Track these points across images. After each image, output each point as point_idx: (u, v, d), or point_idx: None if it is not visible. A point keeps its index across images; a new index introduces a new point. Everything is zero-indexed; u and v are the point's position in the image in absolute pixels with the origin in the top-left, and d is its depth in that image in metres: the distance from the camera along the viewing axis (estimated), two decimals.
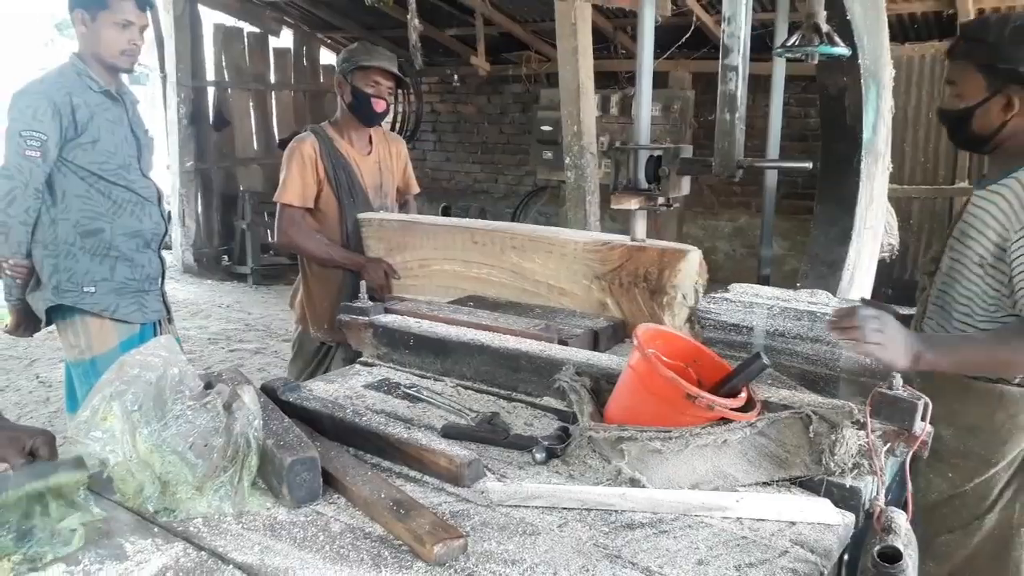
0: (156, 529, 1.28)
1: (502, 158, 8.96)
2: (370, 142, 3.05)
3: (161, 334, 2.84)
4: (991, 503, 1.86)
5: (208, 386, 1.49)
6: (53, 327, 2.78)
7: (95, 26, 2.59)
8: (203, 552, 1.21)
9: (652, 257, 2.19)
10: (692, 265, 2.15)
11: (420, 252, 2.67)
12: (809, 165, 2.25)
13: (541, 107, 7.53)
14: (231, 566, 1.17)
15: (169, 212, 9.01)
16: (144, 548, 1.22)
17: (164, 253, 2.92)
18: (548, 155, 7.39)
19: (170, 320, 2.98)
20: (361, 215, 2.87)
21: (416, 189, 3.28)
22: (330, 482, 1.38)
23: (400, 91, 9.37)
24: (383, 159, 3.08)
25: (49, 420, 4.29)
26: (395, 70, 2.94)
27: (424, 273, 2.68)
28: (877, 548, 1.27)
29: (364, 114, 2.93)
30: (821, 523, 1.31)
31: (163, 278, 2.94)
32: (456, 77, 8.72)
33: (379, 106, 2.92)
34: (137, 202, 2.75)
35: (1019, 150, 1.76)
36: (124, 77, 2.82)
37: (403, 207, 3.24)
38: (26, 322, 2.78)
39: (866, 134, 2.98)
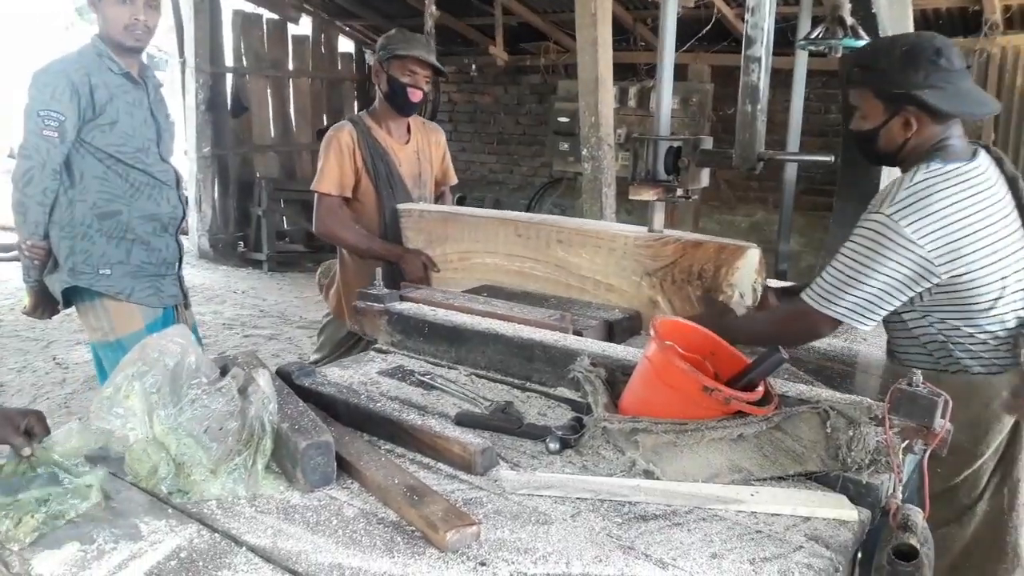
0: (170, 510, 1.28)
1: (518, 149, 8.95)
2: (408, 131, 3.03)
3: (178, 320, 2.85)
4: (980, 492, 1.88)
5: (224, 371, 1.49)
6: (72, 309, 2.79)
7: (101, 5, 2.58)
8: (216, 534, 1.21)
9: (708, 254, 2.13)
10: (751, 263, 2.09)
11: (461, 245, 2.63)
12: (831, 159, 2.22)
13: (558, 98, 7.51)
14: (244, 548, 1.17)
15: (186, 197, 9.09)
16: (158, 528, 1.23)
17: (180, 238, 2.92)
18: (564, 146, 7.38)
19: (187, 305, 2.97)
20: (400, 206, 2.84)
21: (454, 180, 3.25)
22: (344, 467, 1.38)
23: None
24: (422, 149, 3.05)
25: (65, 401, 4.33)
26: (432, 59, 2.91)
27: (464, 266, 2.63)
28: (893, 545, 1.25)
29: (400, 103, 2.91)
30: (837, 519, 1.30)
31: (180, 263, 2.93)
32: (474, 67, 8.71)
33: (415, 96, 2.89)
34: (155, 185, 2.73)
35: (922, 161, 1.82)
36: (145, 58, 2.81)
37: (439, 199, 3.21)
38: (44, 304, 2.78)
39: None
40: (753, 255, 2.09)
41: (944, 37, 1.82)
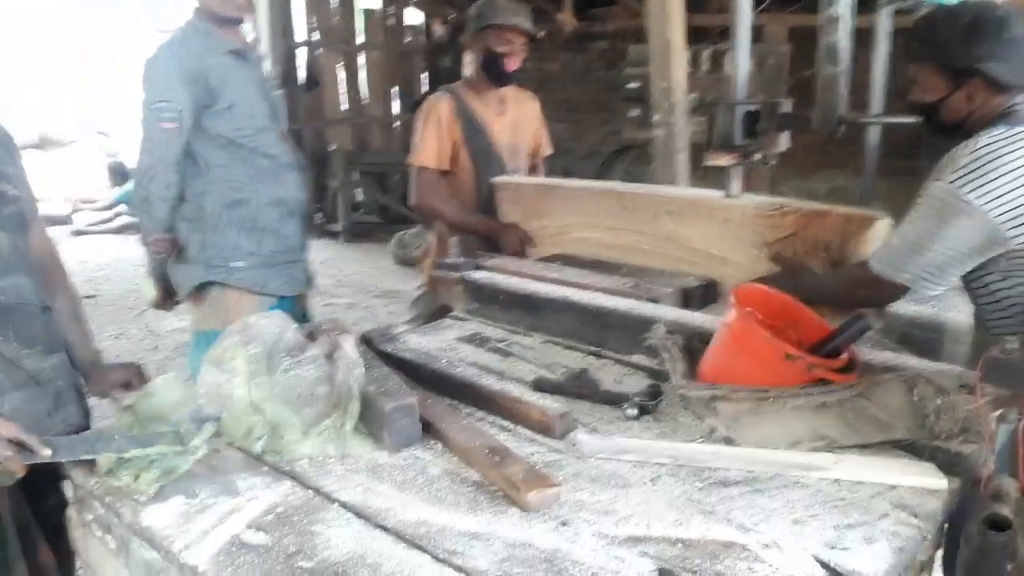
0: (265, 468, 1.35)
1: (586, 116, 8.84)
2: (503, 101, 2.92)
3: (296, 307, 2.72)
4: None
5: (311, 337, 1.55)
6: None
7: None
8: (309, 491, 1.27)
9: (834, 224, 2.00)
10: (881, 234, 1.96)
11: (559, 218, 2.51)
12: (917, 120, 2.13)
13: (628, 63, 7.38)
14: (336, 504, 1.23)
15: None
16: (255, 485, 1.29)
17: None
18: (635, 113, 7.26)
19: (310, 287, 2.85)
20: (496, 179, 2.76)
21: (549, 150, 3.16)
22: (427, 428, 1.42)
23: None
24: (517, 119, 2.96)
25: (158, 368, 4.54)
26: (528, 27, 2.78)
27: (563, 241, 2.52)
28: (985, 516, 1.23)
29: (496, 73, 2.80)
30: (924, 488, 1.28)
31: (307, 248, 2.79)
32: (541, 33, 8.62)
33: (512, 65, 2.78)
34: (278, 168, 2.60)
35: None
36: (263, 34, 2.73)
37: (533, 170, 3.09)
38: (170, 295, 2.67)
39: None
40: (882, 226, 1.97)
41: (1006, 6, 1.73)
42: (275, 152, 2.60)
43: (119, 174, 9.47)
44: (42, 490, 1.56)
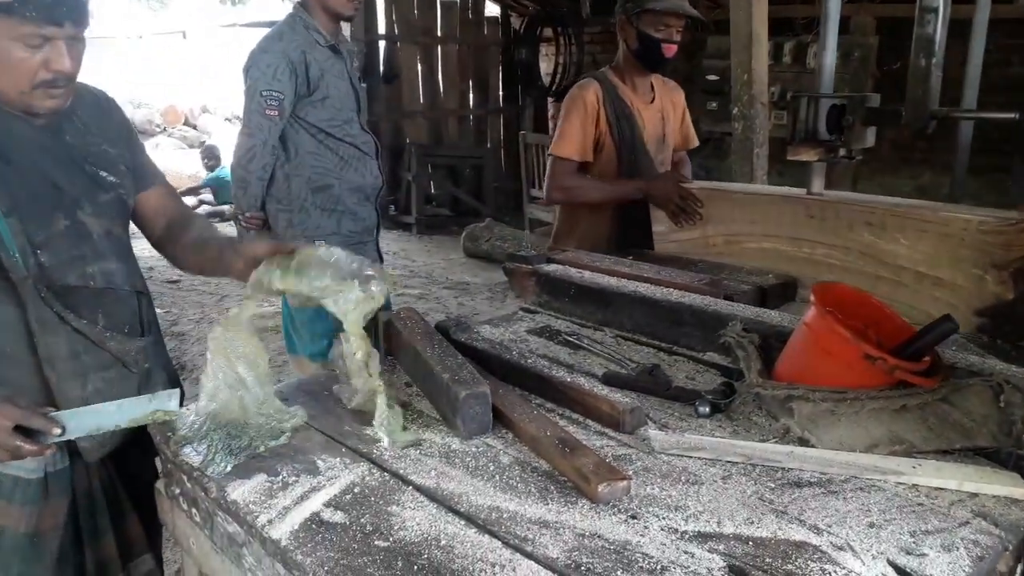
0: (344, 449, 1.40)
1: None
2: (652, 89, 2.82)
3: None
4: None
5: None
6: None
7: None
8: (386, 473, 1.31)
9: None
10: None
11: (728, 226, 2.29)
12: (1016, 116, 2.05)
13: (707, 55, 7.26)
14: (411, 487, 1.26)
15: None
16: (334, 465, 1.34)
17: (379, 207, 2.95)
18: (713, 105, 7.15)
19: (380, 263, 3.05)
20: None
21: (695, 142, 3.05)
22: (499, 417, 1.45)
23: (562, 40, 9.37)
24: (665, 108, 2.85)
25: None
26: (688, 9, 2.66)
27: (732, 251, 2.30)
28: None
29: (652, 60, 2.67)
30: (1008, 497, 1.23)
31: (379, 230, 3.01)
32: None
33: (670, 51, 2.65)
34: (360, 157, 2.81)
35: None
36: (345, 27, 2.88)
37: (676, 165, 3.00)
38: None
39: None
40: None
41: None
42: (359, 142, 2.80)
43: (212, 156, 9.85)
44: (133, 462, 1.64)
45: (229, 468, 1.33)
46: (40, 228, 1.46)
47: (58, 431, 1.34)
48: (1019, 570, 1.27)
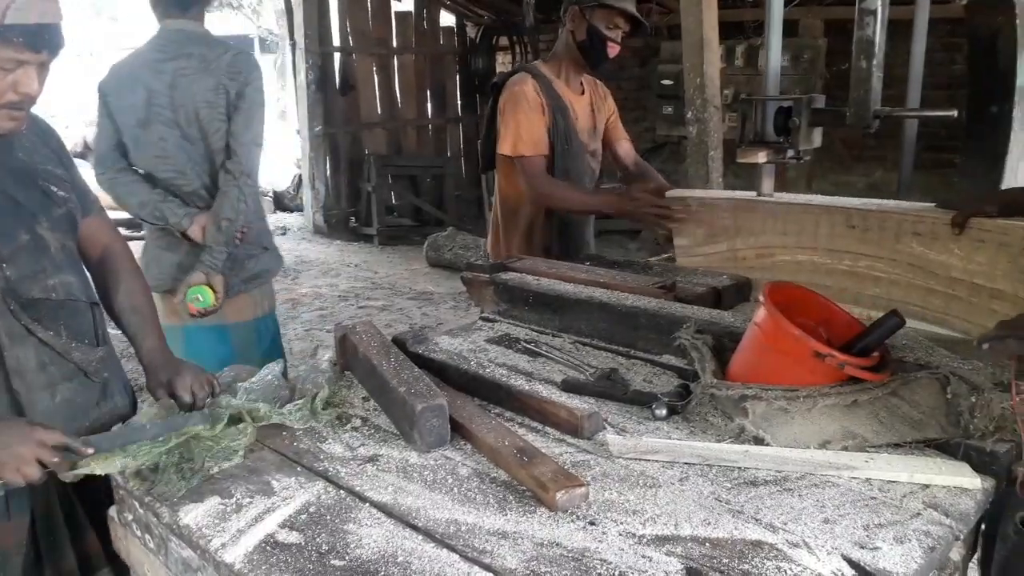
0: (299, 468, 1.38)
1: (620, 114, 8.82)
2: (583, 82, 2.84)
3: None
4: None
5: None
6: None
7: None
8: (342, 490, 1.30)
9: None
10: None
11: (760, 238, 2.14)
12: (955, 114, 2.10)
13: (661, 60, 7.35)
14: (368, 504, 1.25)
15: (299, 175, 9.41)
16: (288, 485, 1.32)
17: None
18: (668, 110, 7.24)
19: None
20: (671, 193, 2.40)
21: (627, 142, 3.01)
22: (457, 429, 1.44)
23: (517, 48, 9.42)
24: (595, 101, 2.87)
25: None
26: (636, 14, 2.65)
27: (764, 264, 2.15)
28: (1020, 515, 1.21)
29: (595, 57, 2.66)
30: (958, 487, 1.26)
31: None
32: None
33: (613, 50, 2.65)
34: None
35: None
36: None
37: (631, 162, 2.98)
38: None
39: (1020, 80, 2.75)
40: None
41: None
42: None
43: None
44: (88, 481, 1.61)
45: (182, 492, 1.31)
46: (4, 243, 1.48)
47: (91, 451, 1.36)
48: (972, 559, 1.30)
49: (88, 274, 1.73)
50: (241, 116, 2.46)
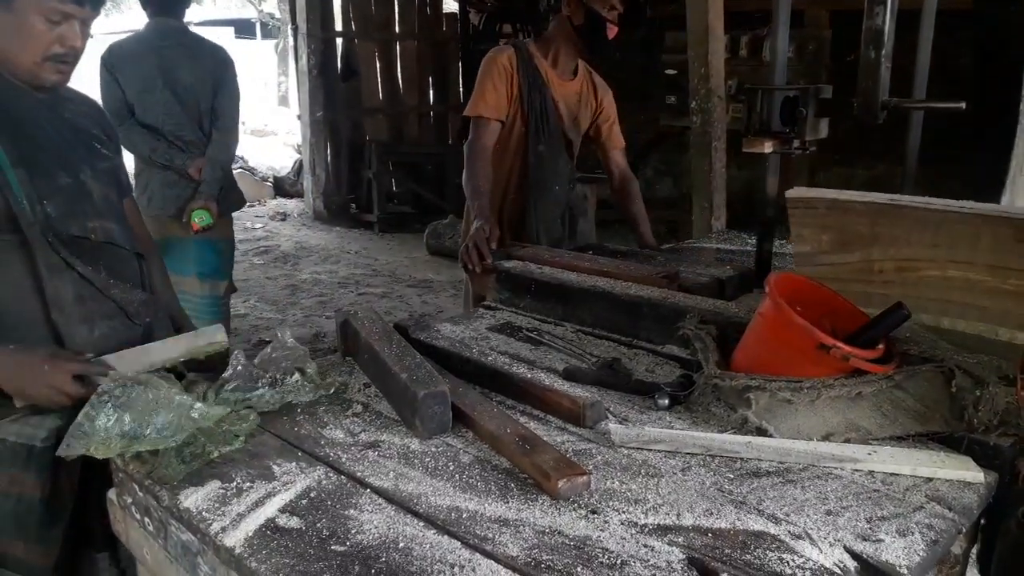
0: (300, 453, 1.37)
1: (623, 104, 8.75)
2: (576, 71, 2.80)
3: None
4: None
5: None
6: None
7: None
8: (343, 476, 1.29)
9: None
10: None
11: (902, 249, 1.81)
12: (962, 106, 2.08)
13: (665, 50, 7.31)
14: (368, 490, 1.24)
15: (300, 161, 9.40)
16: (289, 470, 1.31)
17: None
18: (671, 100, 7.20)
19: None
20: (792, 193, 1.90)
21: (621, 143, 2.97)
22: (459, 416, 1.43)
23: (520, 35, 9.36)
24: (585, 94, 2.83)
25: None
26: None
27: (905, 279, 1.80)
28: (1022, 509, 1.20)
29: (593, 39, 2.65)
30: (961, 481, 1.25)
31: None
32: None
33: (612, 32, 2.63)
34: None
35: None
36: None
37: (618, 174, 2.96)
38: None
39: None
40: None
41: None
42: None
43: None
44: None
45: (181, 475, 1.30)
46: (45, 182, 1.57)
47: (113, 372, 1.45)
48: (972, 552, 1.30)
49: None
50: (224, 90, 3.35)
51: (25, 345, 1.50)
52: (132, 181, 2.27)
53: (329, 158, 8.71)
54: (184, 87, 3.26)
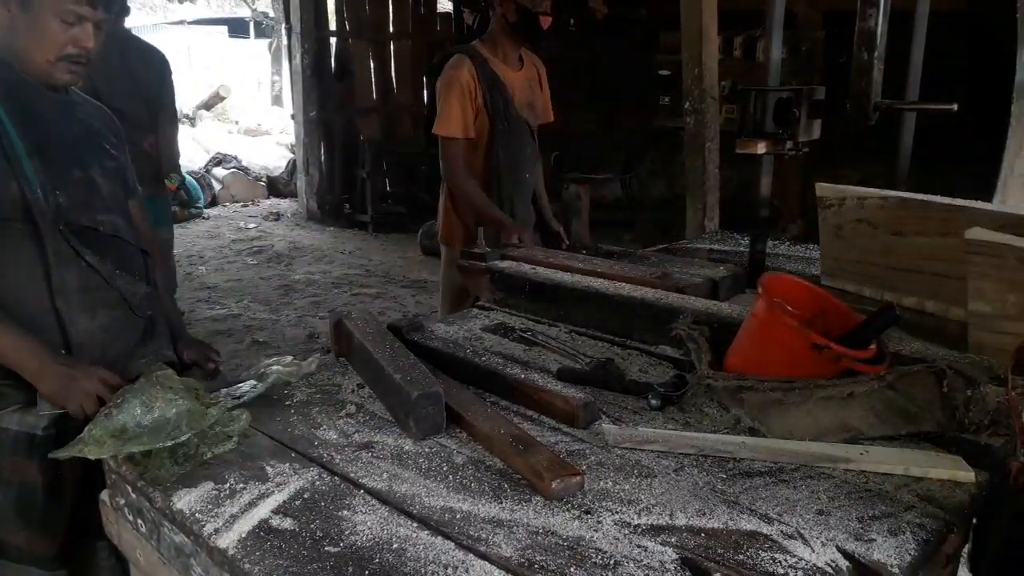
0: (293, 455, 1.37)
1: (617, 104, 8.79)
2: (520, 59, 2.93)
3: None
4: None
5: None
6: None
7: None
8: (336, 477, 1.29)
9: None
10: None
11: None
12: (954, 107, 2.09)
13: (660, 51, 7.33)
14: (362, 491, 1.24)
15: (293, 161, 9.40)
16: (283, 471, 1.31)
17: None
18: (665, 100, 7.23)
19: None
20: (973, 236, 1.57)
21: (550, 117, 3.11)
22: (452, 417, 1.43)
23: None
24: (532, 76, 2.97)
25: None
26: None
27: None
28: (1014, 508, 1.21)
29: (530, 33, 2.79)
30: (952, 480, 1.26)
31: None
32: (572, 21, 8.57)
33: (546, 22, 2.76)
34: None
35: None
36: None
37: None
38: None
39: (1020, 74, 2.75)
40: None
41: None
42: None
43: None
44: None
45: (174, 477, 1.30)
46: (58, 173, 1.62)
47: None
48: (964, 551, 1.30)
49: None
50: (164, 85, 3.78)
51: (68, 356, 1.59)
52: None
53: (323, 158, 8.70)
54: (133, 81, 3.54)
